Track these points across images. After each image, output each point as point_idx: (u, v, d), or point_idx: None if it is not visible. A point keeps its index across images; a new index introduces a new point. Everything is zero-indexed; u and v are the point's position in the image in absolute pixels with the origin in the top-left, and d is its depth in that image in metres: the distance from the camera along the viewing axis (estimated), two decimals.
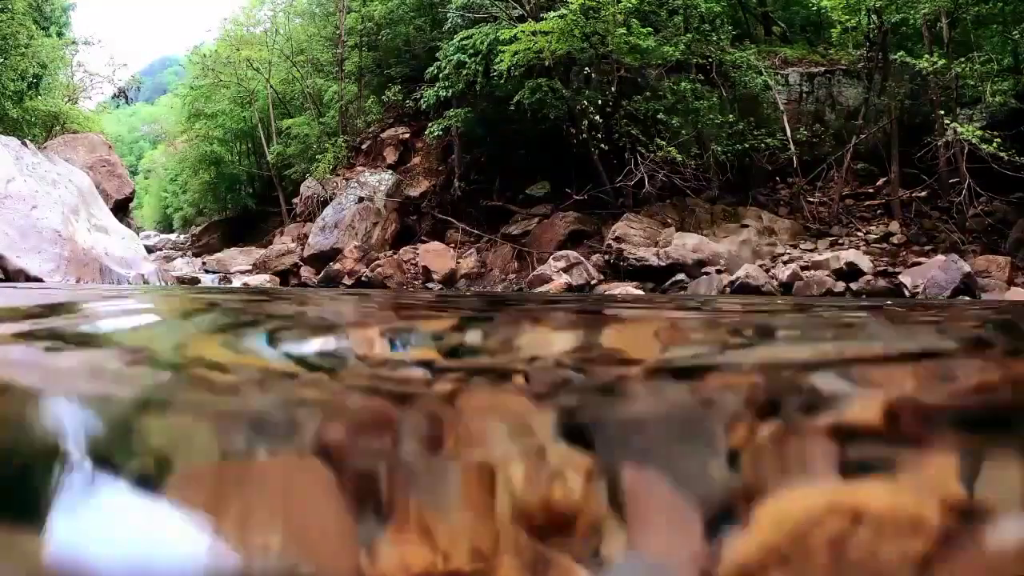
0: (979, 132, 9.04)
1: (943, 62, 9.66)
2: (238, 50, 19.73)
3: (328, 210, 14.24)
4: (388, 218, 14.05)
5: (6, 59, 16.30)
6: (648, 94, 11.51)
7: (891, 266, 9.34)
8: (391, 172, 14.79)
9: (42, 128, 18.12)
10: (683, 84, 11.33)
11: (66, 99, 20.14)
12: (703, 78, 11.86)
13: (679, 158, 10.73)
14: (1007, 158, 8.72)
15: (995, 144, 8.80)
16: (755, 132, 11.45)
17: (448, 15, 13.20)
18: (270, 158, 18.81)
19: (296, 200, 16.68)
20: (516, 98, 11.49)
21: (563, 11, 10.71)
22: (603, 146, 11.26)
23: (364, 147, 15.95)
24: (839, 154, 11.48)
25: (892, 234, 10.35)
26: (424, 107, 13.47)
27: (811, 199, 11.53)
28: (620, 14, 10.74)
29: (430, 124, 13.42)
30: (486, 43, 11.85)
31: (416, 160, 15.28)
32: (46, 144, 15.21)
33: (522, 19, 11.91)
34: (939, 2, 10.00)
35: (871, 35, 11.52)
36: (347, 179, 14.75)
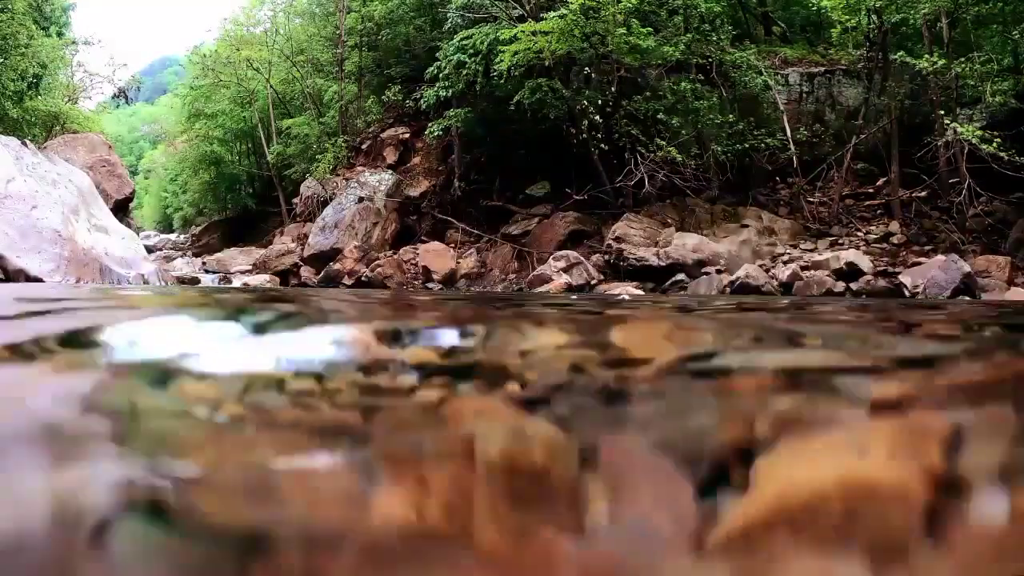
0: (979, 132, 9.04)
1: (943, 62, 9.65)
2: (238, 50, 19.73)
3: (328, 210, 14.24)
4: (388, 218, 14.05)
5: (6, 59, 16.30)
6: (648, 94, 11.51)
7: (891, 266, 9.34)
8: (391, 172, 14.78)
9: (42, 128, 18.11)
10: (683, 84, 11.33)
11: (66, 99, 20.14)
12: (703, 78, 11.85)
13: (679, 158, 10.73)
14: (1007, 158, 8.72)
15: (995, 144, 8.80)
16: (755, 132, 11.44)
17: (448, 15, 13.20)
18: (270, 158, 18.81)
19: (296, 200, 16.68)
20: (516, 98, 11.49)
21: (563, 11, 10.71)
22: (603, 146, 11.26)
23: (364, 147, 15.95)
24: (839, 154, 11.48)
25: (892, 234, 10.35)
26: (424, 107, 13.47)
27: (811, 199, 11.52)
28: (620, 14, 10.74)
29: (430, 124, 13.42)
30: (486, 43, 11.85)
31: (416, 160, 15.28)
32: (46, 144, 15.20)
33: (522, 19, 11.91)
34: (939, 2, 9.99)
35: (871, 35, 11.52)
36: (347, 179, 14.75)
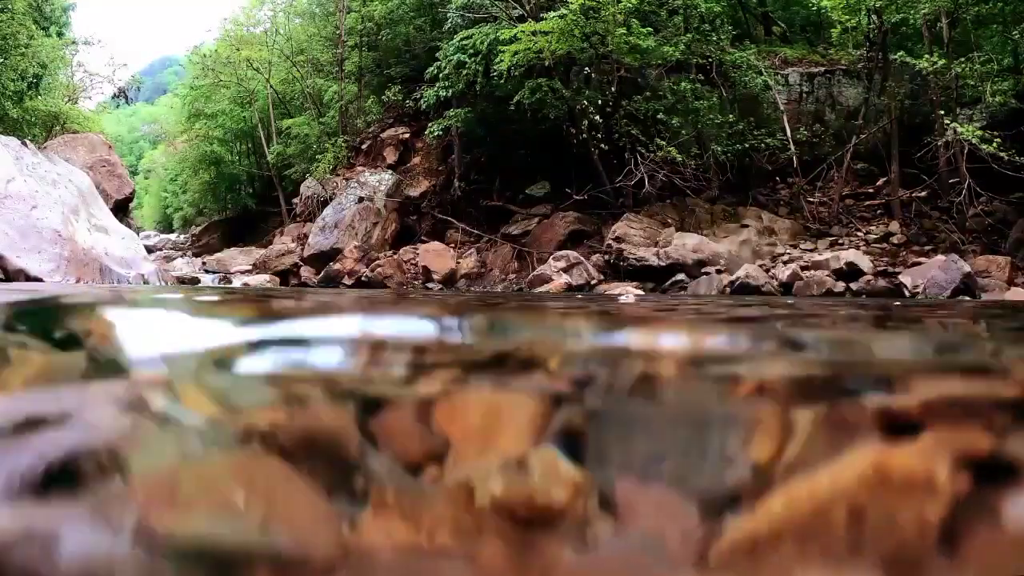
0: (979, 132, 9.03)
1: (943, 62, 9.65)
2: (238, 50, 19.72)
3: (328, 210, 14.23)
4: (388, 218, 14.04)
5: (6, 59, 16.28)
6: (648, 94, 11.50)
7: (891, 266, 9.34)
8: (391, 172, 14.78)
9: (42, 128, 18.09)
10: (683, 84, 11.32)
11: (66, 99, 20.11)
12: (703, 78, 11.85)
13: (679, 158, 10.73)
14: (1007, 158, 8.72)
15: (995, 144, 8.80)
16: (755, 132, 11.44)
17: (448, 15, 13.20)
18: (270, 158, 18.81)
19: (296, 200, 16.67)
20: (516, 98, 11.49)
21: (563, 11, 10.70)
22: (603, 146, 11.26)
23: (364, 147, 15.95)
24: (839, 154, 11.47)
25: (892, 234, 10.35)
26: (424, 107, 13.46)
27: (811, 199, 11.52)
28: (620, 14, 10.73)
29: (430, 124, 13.41)
30: (486, 43, 11.84)
31: (416, 160, 15.27)
32: (46, 144, 15.18)
33: (522, 19, 11.91)
34: (939, 2, 9.99)
35: (871, 35, 11.52)
36: (347, 179, 14.74)
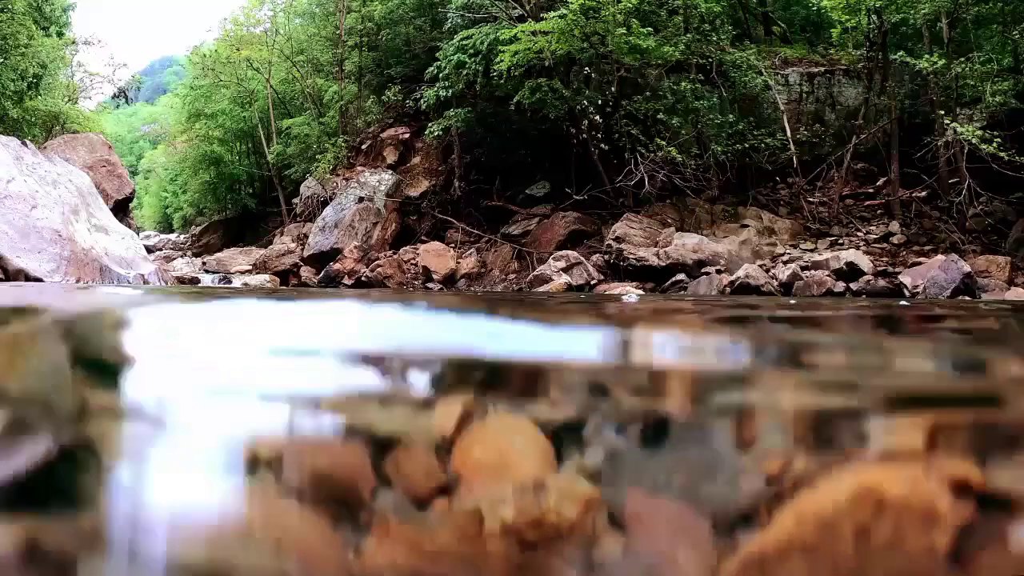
0: (979, 132, 9.03)
1: (943, 62, 9.65)
2: (238, 50, 19.73)
3: (328, 210, 14.23)
4: (388, 218, 14.04)
5: (6, 59, 16.28)
6: (648, 94, 11.50)
7: (891, 266, 9.34)
8: (391, 172, 14.78)
9: (42, 128, 18.09)
10: (683, 84, 11.32)
11: (66, 99, 20.11)
12: (703, 78, 11.85)
13: (679, 158, 10.73)
14: (1007, 158, 8.72)
15: (995, 144, 8.80)
16: (755, 132, 11.43)
17: (448, 15, 13.20)
18: (270, 158, 18.82)
19: (296, 200, 16.69)
20: (516, 98, 11.49)
21: (563, 11, 10.70)
22: (603, 146, 11.26)
23: (364, 147, 15.95)
24: (839, 154, 11.47)
25: (892, 234, 10.35)
26: (424, 107, 13.46)
27: (811, 199, 11.52)
28: (620, 14, 10.73)
29: (430, 124, 13.41)
30: (486, 43, 11.84)
31: (416, 160, 15.27)
32: (46, 144, 15.17)
33: (522, 19, 11.91)
34: (939, 2, 9.99)
35: (871, 35, 11.51)
36: (347, 179, 14.74)
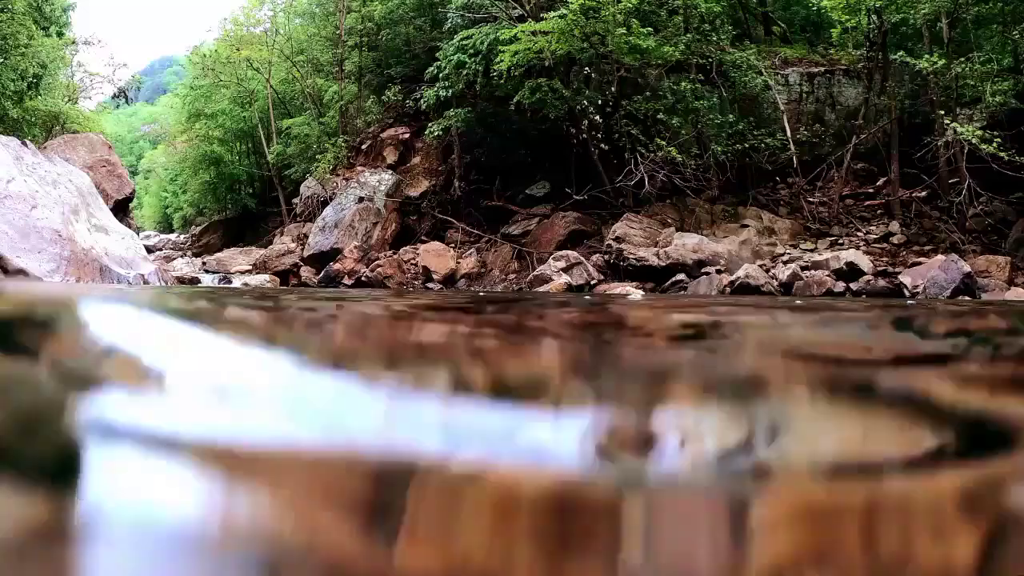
0: (979, 132, 9.04)
1: (943, 62, 9.65)
2: (238, 50, 19.73)
3: (328, 210, 14.23)
4: (388, 218, 14.04)
5: (6, 59, 16.28)
6: (648, 94, 11.50)
7: (891, 266, 9.34)
8: (391, 172, 14.78)
9: (42, 128, 18.09)
10: (683, 84, 11.32)
11: (66, 99, 20.12)
12: (703, 78, 11.85)
13: (679, 158, 10.73)
14: (1007, 158, 8.73)
15: (995, 144, 8.80)
16: (755, 132, 11.44)
17: (448, 15, 13.20)
18: (270, 158, 18.82)
19: (296, 200, 16.68)
20: (516, 98, 11.49)
21: (563, 11, 10.70)
22: (603, 146, 11.26)
23: (364, 147, 15.95)
24: (839, 154, 11.47)
25: (892, 234, 10.35)
26: (424, 107, 13.46)
27: (811, 199, 11.52)
28: (620, 14, 10.73)
29: (430, 124, 13.41)
30: (486, 43, 11.84)
31: (416, 160, 15.27)
32: (46, 144, 15.17)
33: (522, 19, 11.91)
34: (939, 2, 9.99)
35: (871, 35, 11.52)
36: (347, 179, 14.74)
